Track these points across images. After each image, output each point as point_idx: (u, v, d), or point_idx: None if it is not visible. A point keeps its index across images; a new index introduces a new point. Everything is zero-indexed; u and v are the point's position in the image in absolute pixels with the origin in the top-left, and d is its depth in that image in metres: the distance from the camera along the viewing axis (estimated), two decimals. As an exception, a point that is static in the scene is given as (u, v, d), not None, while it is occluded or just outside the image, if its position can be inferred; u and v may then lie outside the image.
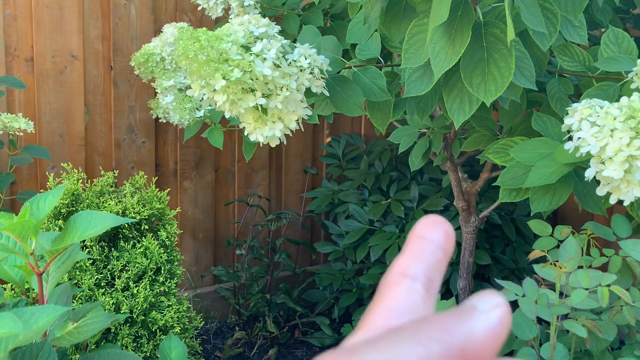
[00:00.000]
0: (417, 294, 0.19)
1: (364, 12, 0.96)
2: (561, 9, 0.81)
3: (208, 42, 0.70)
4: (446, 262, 0.21)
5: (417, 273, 0.20)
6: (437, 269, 0.20)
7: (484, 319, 0.17)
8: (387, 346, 0.16)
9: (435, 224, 0.21)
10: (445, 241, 0.21)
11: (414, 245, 0.21)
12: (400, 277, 0.20)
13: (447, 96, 0.91)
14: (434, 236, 0.20)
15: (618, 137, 0.70)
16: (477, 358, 0.17)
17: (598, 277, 0.81)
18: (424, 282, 0.20)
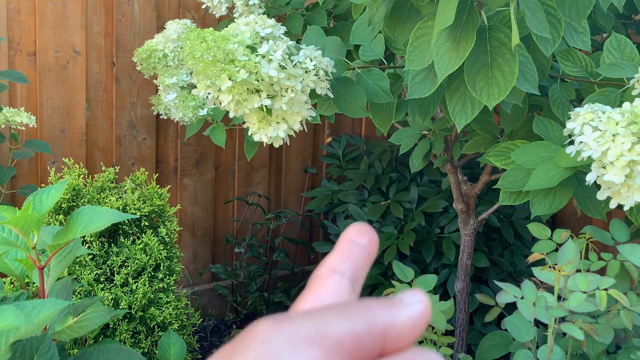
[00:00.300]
0: (344, 289, 0.22)
1: (369, 14, 0.97)
2: (565, 15, 0.81)
3: (215, 42, 0.71)
4: (369, 264, 0.23)
5: (345, 270, 0.22)
6: (361, 269, 0.23)
7: (407, 309, 0.20)
8: (320, 317, 0.19)
9: (363, 231, 0.23)
10: (370, 246, 0.23)
11: (344, 247, 0.23)
12: (331, 272, 0.22)
13: (449, 99, 0.91)
14: (362, 241, 0.23)
15: (620, 142, 0.71)
16: (395, 342, 0.19)
17: (596, 281, 0.81)
18: (350, 279, 0.22)
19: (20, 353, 0.73)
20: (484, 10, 0.83)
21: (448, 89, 0.91)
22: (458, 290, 1.51)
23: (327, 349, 0.18)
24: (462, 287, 1.51)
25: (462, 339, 1.53)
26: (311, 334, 0.18)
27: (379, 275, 1.83)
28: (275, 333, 0.18)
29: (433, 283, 1.00)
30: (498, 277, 1.80)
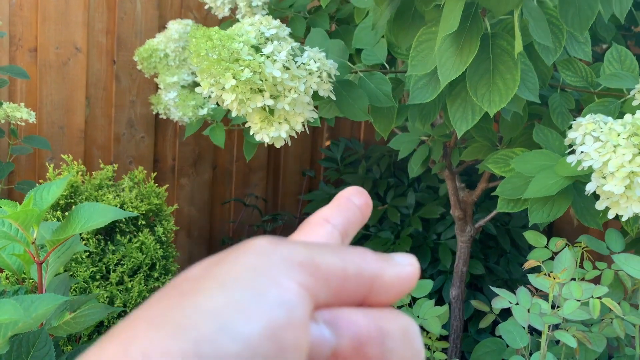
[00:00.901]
0: (334, 239, 0.22)
1: (373, 18, 0.97)
2: (568, 25, 0.82)
3: (220, 41, 0.71)
4: (361, 224, 0.24)
5: (338, 223, 0.22)
6: (353, 226, 0.23)
7: (397, 267, 0.20)
8: (316, 248, 0.19)
9: (360, 193, 0.24)
10: (365, 207, 0.24)
11: (340, 202, 0.24)
12: (324, 221, 0.22)
13: (450, 105, 0.92)
14: (358, 201, 0.24)
15: (621, 153, 0.71)
16: (378, 295, 0.20)
17: (590, 289, 0.82)
18: (341, 232, 0.22)
19: (17, 347, 0.73)
20: (487, 18, 0.84)
21: (449, 95, 0.92)
22: (453, 297, 1.52)
23: (317, 279, 0.18)
24: (457, 293, 1.52)
25: (456, 346, 1.53)
26: (305, 261, 0.18)
27: (374, 280, 1.83)
28: (272, 249, 0.18)
29: (429, 288, 1.01)
30: (494, 284, 1.81)
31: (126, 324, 0.16)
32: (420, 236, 1.86)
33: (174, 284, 0.18)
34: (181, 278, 0.18)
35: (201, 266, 0.19)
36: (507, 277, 1.82)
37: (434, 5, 0.85)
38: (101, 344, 0.16)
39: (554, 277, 0.77)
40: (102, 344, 0.16)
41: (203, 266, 0.18)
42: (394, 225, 1.89)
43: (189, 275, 0.18)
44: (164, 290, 0.18)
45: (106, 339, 0.16)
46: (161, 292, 0.18)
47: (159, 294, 0.18)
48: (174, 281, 0.18)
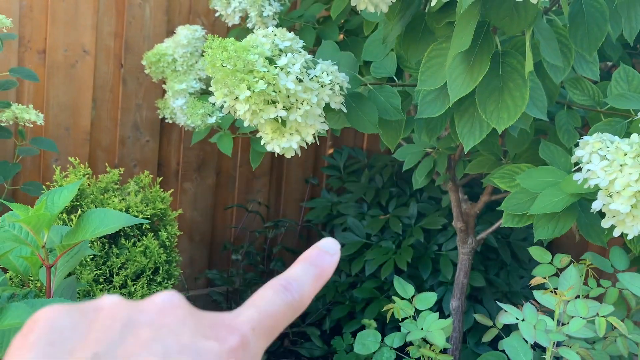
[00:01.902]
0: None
1: (383, 33, 0.99)
2: (577, 45, 0.83)
3: (236, 52, 0.72)
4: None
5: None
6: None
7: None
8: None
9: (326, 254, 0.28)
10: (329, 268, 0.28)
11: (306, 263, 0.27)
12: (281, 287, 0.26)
13: (458, 120, 0.93)
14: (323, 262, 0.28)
15: (627, 172, 0.72)
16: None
17: (596, 307, 0.82)
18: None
19: (24, 351, 0.73)
20: (497, 35, 0.85)
21: (457, 110, 0.93)
22: (453, 309, 1.52)
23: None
24: (457, 305, 1.52)
25: (456, 358, 1.54)
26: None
27: (375, 290, 1.84)
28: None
29: (433, 300, 1.01)
30: (493, 296, 1.81)
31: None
32: (421, 247, 1.87)
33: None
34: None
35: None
36: (507, 290, 1.83)
37: (445, 23, 0.86)
38: None
39: (560, 295, 0.78)
40: None
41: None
42: (396, 235, 1.90)
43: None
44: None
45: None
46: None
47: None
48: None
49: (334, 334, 1.90)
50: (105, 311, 0.21)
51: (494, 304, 1.80)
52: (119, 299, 0.22)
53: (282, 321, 0.24)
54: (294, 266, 0.26)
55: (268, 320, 0.23)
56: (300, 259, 0.26)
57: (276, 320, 0.23)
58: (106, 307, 0.21)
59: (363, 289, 1.83)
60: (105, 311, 0.21)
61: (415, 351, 0.95)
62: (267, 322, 0.23)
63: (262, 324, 0.23)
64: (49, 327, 0.20)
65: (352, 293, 1.89)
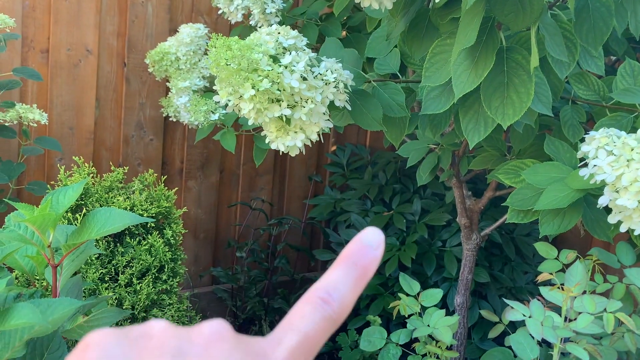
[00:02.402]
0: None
1: (387, 29, 0.98)
2: (582, 40, 0.83)
3: (240, 51, 0.72)
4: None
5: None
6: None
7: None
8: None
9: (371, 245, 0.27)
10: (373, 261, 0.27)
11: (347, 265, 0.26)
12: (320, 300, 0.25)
13: (463, 116, 0.93)
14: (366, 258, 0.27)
15: (634, 167, 0.72)
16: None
17: (603, 303, 0.82)
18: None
19: (31, 349, 0.73)
20: (502, 30, 0.85)
21: (462, 106, 0.93)
22: (458, 305, 1.52)
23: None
24: (462, 301, 1.52)
25: (461, 353, 1.54)
26: None
27: (379, 286, 1.84)
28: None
29: (439, 297, 1.01)
30: (498, 292, 1.81)
31: None
32: (425, 243, 1.87)
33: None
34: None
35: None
36: (512, 285, 1.82)
37: (450, 19, 0.85)
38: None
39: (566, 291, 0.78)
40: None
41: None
42: (400, 232, 1.90)
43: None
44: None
45: None
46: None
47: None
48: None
49: (339, 331, 1.90)
50: (155, 341, 0.21)
51: (499, 300, 1.80)
52: (168, 326, 0.22)
53: (323, 338, 0.23)
54: (333, 268, 0.25)
55: (308, 343, 0.23)
56: (341, 258, 0.25)
57: (316, 340, 0.23)
58: (155, 335, 0.21)
59: (367, 285, 1.83)
60: (155, 341, 0.21)
61: (422, 348, 0.95)
62: (307, 345, 0.22)
63: (303, 349, 0.22)
64: (100, 356, 0.20)
65: (356, 290, 1.88)
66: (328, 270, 0.25)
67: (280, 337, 0.22)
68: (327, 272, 0.25)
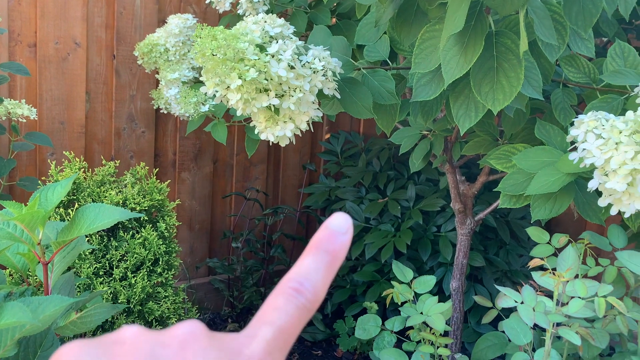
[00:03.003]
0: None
1: (376, 15, 0.97)
2: (572, 22, 0.82)
3: (225, 40, 0.71)
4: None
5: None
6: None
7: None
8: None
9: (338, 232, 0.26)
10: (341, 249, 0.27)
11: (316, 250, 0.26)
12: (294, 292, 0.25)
13: (453, 102, 0.92)
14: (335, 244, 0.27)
15: (623, 150, 0.72)
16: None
17: (594, 287, 0.82)
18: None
19: (24, 347, 0.73)
20: (490, 15, 0.84)
21: (452, 92, 0.92)
22: (453, 289, 1.53)
23: None
24: (457, 286, 1.53)
25: (457, 337, 1.55)
26: None
27: (375, 273, 1.84)
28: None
29: (432, 284, 1.01)
30: (493, 276, 1.82)
31: None
32: (420, 229, 1.87)
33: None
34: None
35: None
36: (507, 269, 1.83)
37: (438, 4, 0.84)
38: None
39: (558, 276, 0.78)
40: None
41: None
42: (395, 218, 1.90)
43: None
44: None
45: None
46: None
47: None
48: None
49: (336, 318, 1.91)
50: (127, 346, 0.21)
51: (494, 283, 1.81)
52: (140, 331, 0.22)
53: (298, 328, 0.23)
54: (303, 257, 0.25)
55: (283, 335, 0.22)
56: (310, 246, 0.25)
57: (291, 331, 0.23)
58: (128, 340, 0.21)
59: (363, 272, 1.84)
60: (127, 346, 0.21)
61: (416, 335, 0.95)
62: (282, 337, 0.22)
63: (278, 341, 0.22)
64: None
65: (352, 277, 1.89)
66: (298, 259, 0.25)
67: (254, 332, 0.22)
68: (298, 261, 0.25)
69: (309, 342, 1.86)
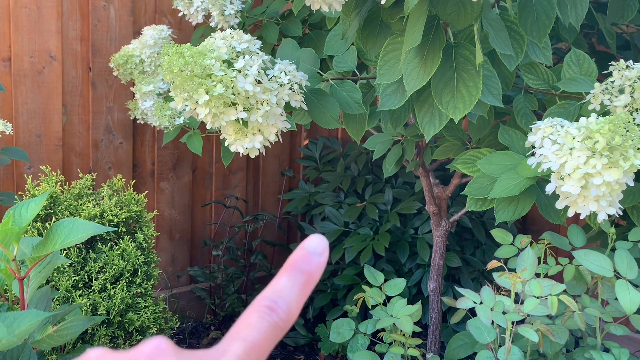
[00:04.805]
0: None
1: (342, 28, 1.00)
2: (527, 33, 0.86)
3: (192, 57, 0.73)
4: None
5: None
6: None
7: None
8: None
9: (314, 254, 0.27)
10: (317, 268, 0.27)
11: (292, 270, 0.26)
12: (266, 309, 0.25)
13: (418, 111, 0.95)
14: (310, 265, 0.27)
15: (576, 155, 0.75)
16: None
17: (550, 287, 0.86)
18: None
19: (1, 363, 0.74)
20: (450, 27, 0.87)
21: (417, 101, 0.95)
22: (431, 290, 1.56)
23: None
24: (434, 286, 1.56)
25: (435, 337, 1.58)
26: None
27: (355, 276, 1.87)
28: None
29: (402, 286, 1.04)
30: (470, 276, 1.86)
31: None
32: (398, 231, 1.90)
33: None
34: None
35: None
36: (483, 268, 1.88)
37: (399, 17, 0.88)
38: None
39: (513, 276, 0.82)
40: None
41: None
42: (373, 222, 1.93)
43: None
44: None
45: None
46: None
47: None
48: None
49: (318, 322, 1.93)
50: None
51: (472, 283, 1.85)
52: (104, 352, 0.22)
53: (270, 346, 0.23)
54: (279, 276, 0.25)
55: (255, 351, 0.22)
56: (286, 266, 0.25)
57: (263, 348, 0.23)
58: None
59: (344, 276, 1.87)
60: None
61: (387, 336, 0.98)
62: (254, 353, 0.22)
63: (249, 357, 0.22)
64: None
65: (333, 281, 1.92)
66: (274, 278, 0.25)
67: (225, 347, 0.22)
68: (273, 280, 0.25)
69: (291, 347, 1.88)
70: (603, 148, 0.73)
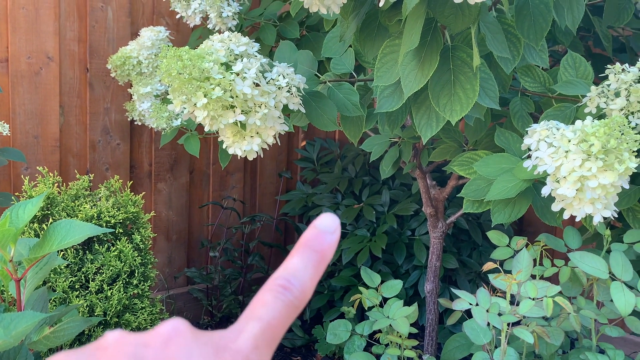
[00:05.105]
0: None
1: (340, 30, 1.01)
2: (524, 36, 0.86)
3: (190, 61, 0.73)
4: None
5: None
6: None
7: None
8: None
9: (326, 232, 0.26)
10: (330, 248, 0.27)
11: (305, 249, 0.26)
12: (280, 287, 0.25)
13: (415, 113, 0.96)
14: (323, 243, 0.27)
15: (572, 158, 0.76)
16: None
17: (545, 288, 0.87)
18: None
19: (-2, 364, 0.74)
20: (447, 30, 0.88)
21: (414, 103, 0.96)
22: (428, 292, 1.57)
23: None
24: (431, 288, 1.57)
25: (432, 339, 1.59)
26: None
27: (352, 277, 1.87)
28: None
29: (398, 288, 1.05)
30: (467, 277, 1.86)
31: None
32: (395, 233, 1.91)
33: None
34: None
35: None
36: (480, 270, 1.88)
37: (397, 20, 0.88)
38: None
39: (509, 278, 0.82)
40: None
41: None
42: (370, 223, 1.93)
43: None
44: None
45: None
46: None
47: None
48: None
49: (315, 323, 1.93)
50: (110, 350, 0.21)
51: (468, 285, 1.85)
52: (122, 334, 0.22)
53: (285, 325, 0.23)
54: (292, 256, 0.25)
55: (271, 330, 0.22)
56: (299, 245, 0.25)
57: (279, 327, 0.23)
58: (110, 346, 0.21)
59: (341, 277, 1.87)
60: (110, 350, 0.21)
61: (384, 338, 0.99)
62: (270, 332, 0.22)
63: (265, 337, 0.22)
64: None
65: (330, 282, 1.92)
66: (287, 258, 0.25)
67: (242, 327, 0.22)
68: (286, 260, 0.25)
69: (288, 349, 1.88)
70: (598, 151, 0.73)
